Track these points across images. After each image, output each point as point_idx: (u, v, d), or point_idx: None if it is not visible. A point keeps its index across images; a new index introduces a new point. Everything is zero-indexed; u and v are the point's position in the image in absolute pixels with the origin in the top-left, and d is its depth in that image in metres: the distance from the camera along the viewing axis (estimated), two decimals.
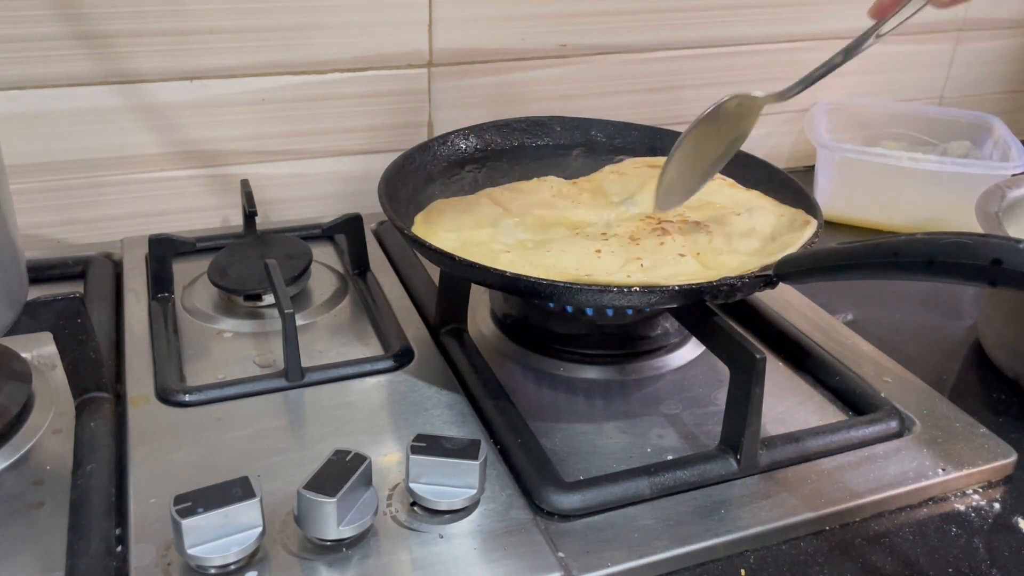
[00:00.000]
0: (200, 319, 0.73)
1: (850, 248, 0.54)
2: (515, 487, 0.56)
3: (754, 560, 0.53)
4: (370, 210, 0.79)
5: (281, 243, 0.80)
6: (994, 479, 0.61)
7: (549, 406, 0.66)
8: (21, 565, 0.50)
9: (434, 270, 0.77)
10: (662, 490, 0.56)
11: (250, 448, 0.58)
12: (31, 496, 0.55)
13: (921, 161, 0.92)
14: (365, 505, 0.51)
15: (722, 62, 1.04)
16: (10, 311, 0.57)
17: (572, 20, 0.95)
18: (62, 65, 0.80)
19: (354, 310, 0.76)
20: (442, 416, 0.62)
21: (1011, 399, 0.69)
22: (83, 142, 0.83)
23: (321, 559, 0.50)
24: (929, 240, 0.49)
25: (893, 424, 0.63)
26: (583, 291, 0.58)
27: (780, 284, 0.59)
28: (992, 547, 0.55)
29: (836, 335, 0.74)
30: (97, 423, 0.59)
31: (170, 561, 0.49)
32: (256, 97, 0.87)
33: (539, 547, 0.51)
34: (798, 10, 1.04)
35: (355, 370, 0.66)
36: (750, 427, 0.57)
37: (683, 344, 0.72)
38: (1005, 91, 1.24)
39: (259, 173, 0.89)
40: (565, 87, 0.98)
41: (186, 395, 0.62)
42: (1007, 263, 0.45)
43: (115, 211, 0.87)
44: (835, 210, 0.97)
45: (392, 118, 0.92)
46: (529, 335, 0.72)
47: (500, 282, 0.61)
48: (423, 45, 0.90)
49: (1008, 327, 0.71)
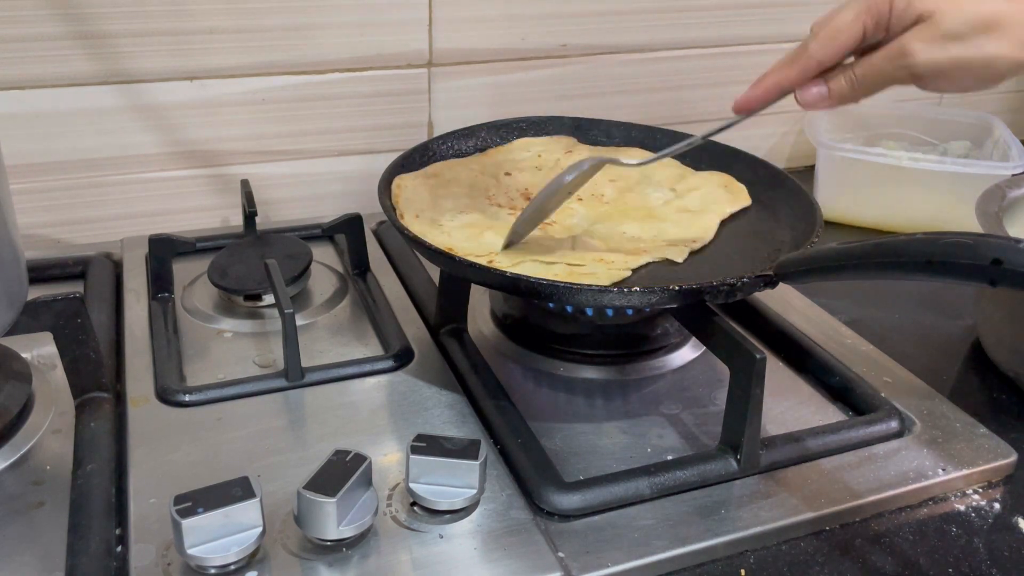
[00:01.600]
0: (200, 319, 0.73)
1: (850, 248, 0.54)
2: (515, 487, 0.56)
3: (754, 560, 0.53)
4: (370, 210, 0.79)
5: (281, 243, 0.80)
6: (994, 479, 0.60)
7: (549, 406, 0.66)
8: (21, 565, 0.50)
9: (434, 270, 0.77)
10: (662, 490, 0.56)
11: (250, 448, 0.58)
12: (31, 496, 0.55)
13: (921, 161, 0.92)
14: (365, 505, 0.51)
15: (722, 62, 1.04)
16: (10, 311, 0.57)
17: (572, 20, 0.95)
18: (62, 65, 0.80)
19: (354, 310, 0.76)
20: (442, 416, 0.62)
21: (1011, 399, 0.69)
22: (83, 142, 0.83)
23: (321, 559, 0.50)
24: (929, 240, 0.49)
25: (893, 424, 0.63)
26: (583, 291, 0.58)
27: (780, 284, 0.59)
28: (992, 547, 0.55)
29: (836, 335, 0.74)
30: (97, 423, 0.59)
31: (170, 561, 0.49)
32: (256, 97, 0.87)
33: (539, 547, 0.51)
34: (798, 10, 1.04)
35: (355, 370, 0.66)
36: (750, 427, 0.57)
37: (683, 344, 0.72)
38: (1005, 91, 1.24)
39: (259, 173, 0.89)
40: (565, 87, 0.98)
41: (186, 395, 0.62)
42: (1007, 263, 0.45)
43: (115, 211, 0.87)
44: (835, 210, 0.97)
45: (392, 118, 0.92)
46: (529, 335, 0.72)
47: (500, 282, 0.61)
48: (423, 45, 0.90)
49: (1008, 327, 0.71)
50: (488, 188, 0.76)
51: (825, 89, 0.56)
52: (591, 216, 0.73)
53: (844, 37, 0.55)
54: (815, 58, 0.56)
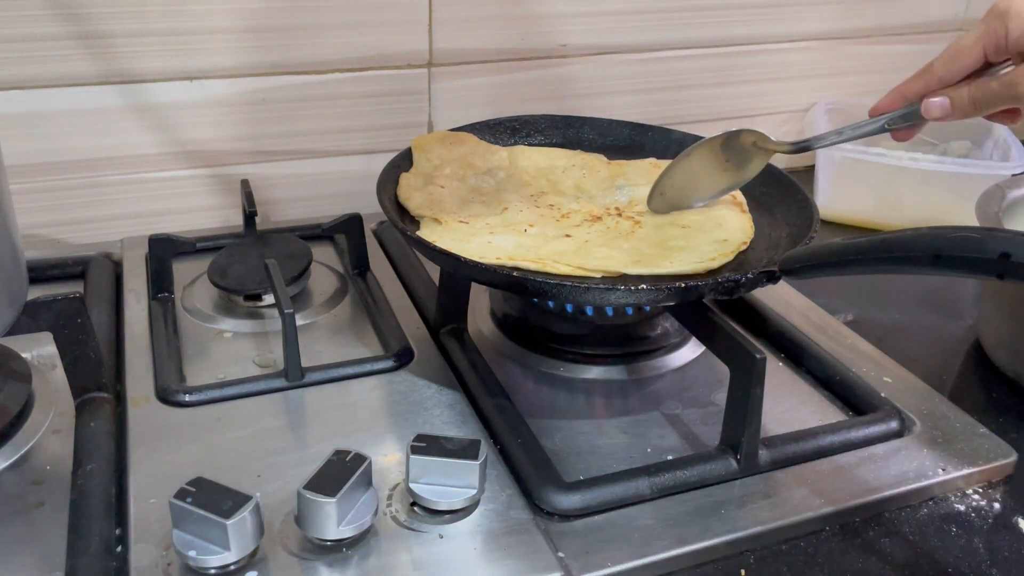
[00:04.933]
0: (200, 319, 0.73)
1: (856, 243, 0.53)
2: (515, 487, 0.56)
3: (754, 560, 0.53)
4: (370, 210, 0.79)
5: (281, 243, 0.80)
6: (994, 479, 0.61)
7: (549, 406, 0.66)
8: (21, 565, 0.50)
9: (434, 270, 0.77)
10: (662, 490, 0.56)
11: (250, 448, 0.58)
12: (31, 496, 0.55)
13: (921, 161, 0.92)
14: (365, 505, 0.51)
15: (722, 62, 1.04)
16: (10, 311, 0.57)
17: (572, 20, 0.95)
18: (62, 65, 0.80)
19: (354, 310, 0.76)
20: (442, 416, 0.62)
21: (1011, 399, 0.69)
22: (83, 142, 0.83)
23: (321, 559, 0.50)
24: (936, 234, 0.49)
25: (893, 424, 0.63)
26: (590, 290, 0.58)
27: (781, 284, 0.59)
28: (992, 547, 0.55)
29: (836, 335, 0.74)
30: (97, 423, 0.59)
31: (170, 561, 0.49)
32: (256, 97, 0.87)
33: (539, 547, 0.51)
34: (798, 10, 1.04)
35: (355, 370, 0.66)
36: (750, 427, 0.57)
37: (683, 344, 0.72)
38: None
39: (259, 173, 0.89)
40: (565, 87, 0.98)
41: (186, 395, 0.62)
42: (1015, 256, 0.45)
43: (115, 211, 0.87)
44: (835, 210, 0.97)
45: (392, 118, 0.92)
46: (529, 335, 0.72)
47: (505, 282, 0.61)
48: (423, 45, 0.90)
49: (1008, 327, 0.71)
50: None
51: (948, 101, 0.60)
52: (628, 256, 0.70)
53: (964, 58, 0.59)
54: (937, 75, 0.60)
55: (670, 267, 0.63)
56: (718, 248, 0.66)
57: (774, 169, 0.77)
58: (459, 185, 0.75)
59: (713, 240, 0.68)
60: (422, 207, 0.71)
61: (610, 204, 0.75)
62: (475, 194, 0.75)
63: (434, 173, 0.76)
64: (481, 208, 0.72)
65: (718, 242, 0.67)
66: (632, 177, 0.79)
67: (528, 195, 0.75)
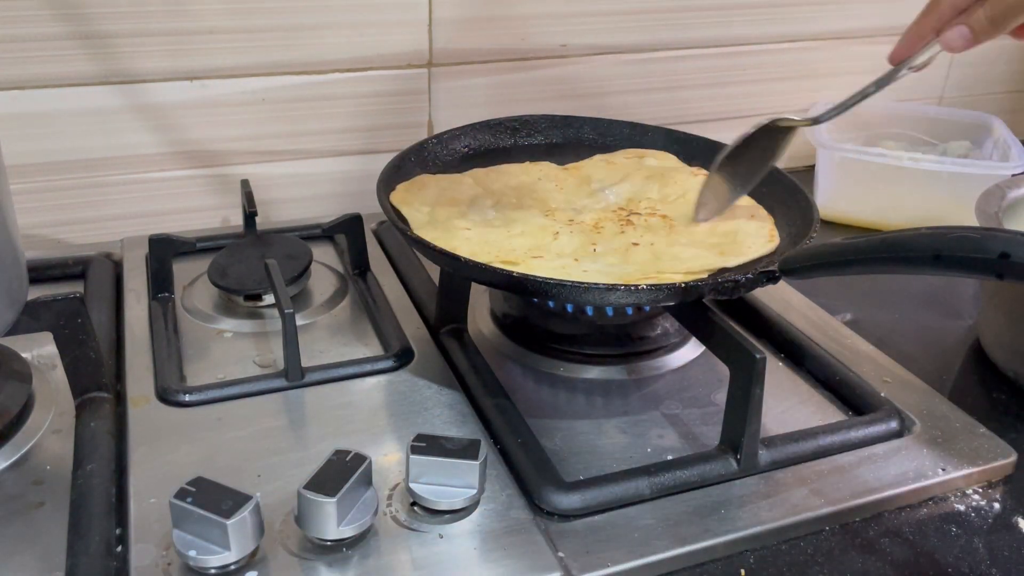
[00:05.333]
0: (200, 319, 0.73)
1: (856, 243, 0.53)
2: (515, 487, 0.56)
3: (754, 560, 0.53)
4: (370, 210, 0.79)
5: (281, 243, 0.80)
6: (994, 479, 0.61)
7: (549, 406, 0.66)
8: (21, 565, 0.50)
9: (434, 270, 0.77)
10: (662, 490, 0.56)
11: (250, 448, 0.58)
12: (31, 496, 0.55)
13: (921, 161, 0.92)
14: (365, 505, 0.51)
15: (722, 62, 1.04)
16: (10, 311, 0.57)
17: (572, 20, 0.95)
18: (62, 65, 0.80)
19: (354, 310, 0.76)
20: (442, 416, 0.62)
21: (1011, 399, 0.69)
22: (83, 142, 0.83)
23: (321, 559, 0.50)
24: (936, 234, 0.49)
25: (893, 424, 0.63)
26: (590, 290, 0.58)
27: (781, 284, 0.59)
28: (992, 547, 0.55)
29: (836, 335, 0.74)
30: (97, 423, 0.59)
31: (170, 561, 0.49)
32: (256, 97, 0.87)
33: (539, 547, 0.51)
34: (798, 10, 1.04)
35: (355, 370, 0.66)
36: (750, 427, 0.57)
37: (683, 344, 0.72)
38: (1005, 91, 1.24)
39: (259, 173, 0.89)
40: (565, 87, 0.98)
41: (186, 395, 0.62)
42: (1015, 256, 0.45)
43: (115, 211, 0.87)
44: (835, 210, 0.97)
45: (392, 118, 0.92)
46: (529, 335, 0.72)
47: (507, 282, 0.61)
48: (423, 45, 0.90)
49: (1008, 327, 0.71)
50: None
51: (966, 29, 0.57)
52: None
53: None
54: (948, 2, 0.57)
55: (752, 252, 0.66)
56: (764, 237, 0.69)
57: (774, 169, 0.77)
58: (475, 221, 0.73)
59: (747, 233, 0.70)
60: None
61: (611, 205, 0.75)
62: (490, 228, 0.71)
63: (440, 222, 0.71)
64: (521, 240, 0.70)
65: (756, 235, 0.70)
66: (599, 176, 0.80)
67: (542, 214, 0.74)
